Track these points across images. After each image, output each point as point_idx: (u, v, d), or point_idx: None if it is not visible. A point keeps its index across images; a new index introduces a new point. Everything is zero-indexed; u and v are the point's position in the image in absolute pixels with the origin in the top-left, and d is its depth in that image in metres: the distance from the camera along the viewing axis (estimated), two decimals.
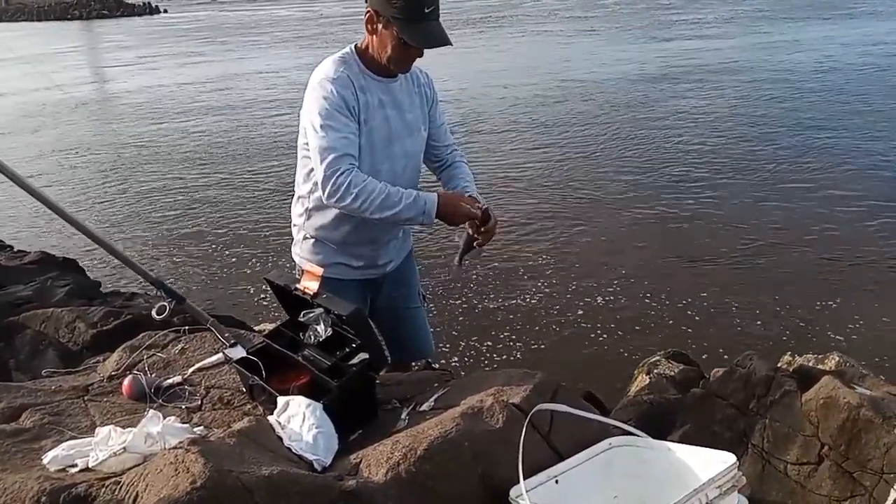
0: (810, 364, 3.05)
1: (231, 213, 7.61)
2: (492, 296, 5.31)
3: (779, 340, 4.49)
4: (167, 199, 8.22)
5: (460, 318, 5.03)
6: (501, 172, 8.27)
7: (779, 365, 2.91)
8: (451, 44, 1.92)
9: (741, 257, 5.77)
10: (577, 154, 8.90)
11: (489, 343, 4.71)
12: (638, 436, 1.76)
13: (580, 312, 5.04)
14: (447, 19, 1.94)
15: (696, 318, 4.88)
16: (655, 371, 3.40)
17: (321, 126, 1.91)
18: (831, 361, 3.08)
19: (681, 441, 2.31)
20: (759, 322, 4.78)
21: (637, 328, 4.80)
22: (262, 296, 5.39)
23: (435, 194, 1.97)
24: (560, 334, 4.78)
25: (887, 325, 4.65)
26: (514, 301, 5.23)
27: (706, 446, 1.76)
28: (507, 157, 8.97)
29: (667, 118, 10.30)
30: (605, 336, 4.72)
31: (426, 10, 1.88)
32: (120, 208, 8.05)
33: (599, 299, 5.20)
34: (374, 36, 1.97)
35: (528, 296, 5.30)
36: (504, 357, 4.54)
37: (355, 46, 2.04)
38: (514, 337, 4.77)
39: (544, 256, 5.97)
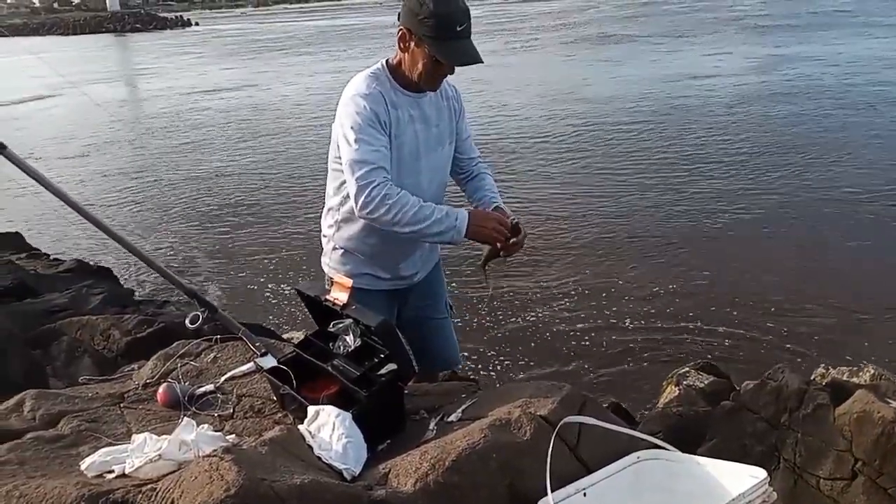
0: (844, 377, 3.00)
1: (263, 223, 7.72)
2: (519, 307, 5.30)
3: (812, 352, 4.41)
4: (200, 210, 8.38)
5: (487, 329, 5.02)
6: (527, 184, 8.27)
7: (812, 378, 2.86)
8: (482, 62, 1.95)
9: (773, 268, 5.68)
10: (604, 166, 8.85)
11: (517, 354, 4.70)
12: (666, 449, 1.75)
13: (608, 323, 5.00)
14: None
15: (727, 328, 4.81)
16: (684, 383, 3.35)
17: (355, 140, 1.94)
18: (866, 374, 3.02)
19: (710, 454, 2.29)
20: (791, 333, 4.70)
21: (666, 339, 4.75)
22: (292, 305, 5.45)
23: (466, 211, 1.98)
24: (588, 345, 4.75)
25: None
26: (541, 312, 5.22)
27: (736, 460, 1.75)
28: (534, 168, 8.96)
29: (702, 129, 10.15)
30: (633, 347, 4.68)
31: (458, 29, 1.91)
32: (154, 218, 8.23)
33: (628, 310, 5.16)
34: (406, 53, 2.00)
35: (555, 307, 5.28)
36: (532, 368, 4.53)
37: (386, 62, 2.08)
38: (541, 348, 4.75)
39: (571, 268, 5.95)
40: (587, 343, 4.77)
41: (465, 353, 4.54)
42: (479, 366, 4.55)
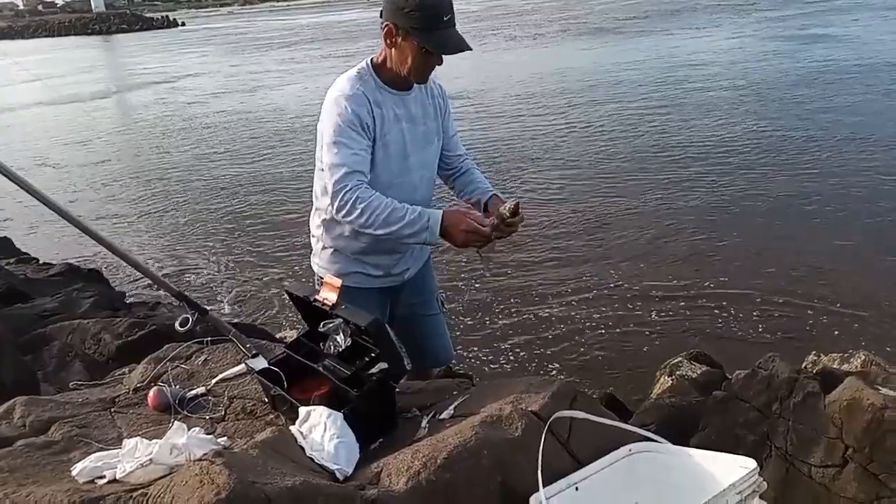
0: (835, 364, 3.02)
1: (251, 224, 7.69)
2: (511, 301, 5.31)
3: (803, 340, 4.43)
4: (189, 212, 8.36)
5: (479, 325, 5.03)
6: (520, 177, 8.27)
7: (803, 365, 2.88)
8: (470, 49, 1.95)
9: (763, 257, 5.71)
10: (598, 158, 8.86)
11: (508, 349, 4.71)
12: (658, 441, 1.75)
13: (600, 315, 5.02)
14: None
15: (719, 318, 4.84)
16: (677, 373, 3.38)
17: (333, 143, 1.95)
18: (857, 361, 3.04)
19: (703, 444, 2.30)
20: (782, 322, 4.73)
21: (659, 329, 4.77)
22: (283, 306, 5.44)
23: (440, 211, 1.95)
24: (581, 336, 4.76)
25: None
26: (533, 306, 5.23)
27: (728, 449, 1.76)
28: (527, 161, 8.96)
29: (701, 121, 10.14)
30: (628, 338, 4.70)
31: (444, 19, 1.92)
32: (143, 221, 8.19)
33: (620, 301, 5.18)
34: (394, 49, 1.99)
35: (547, 300, 5.29)
36: (526, 362, 4.54)
37: (371, 60, 2.07)
38: (533, 342, 4.76)
39: (563, 260, 5.96)
40: (581, 335, 4.78)
41: (459, 348, 4.55)
42: (471, 362, 4.56)
